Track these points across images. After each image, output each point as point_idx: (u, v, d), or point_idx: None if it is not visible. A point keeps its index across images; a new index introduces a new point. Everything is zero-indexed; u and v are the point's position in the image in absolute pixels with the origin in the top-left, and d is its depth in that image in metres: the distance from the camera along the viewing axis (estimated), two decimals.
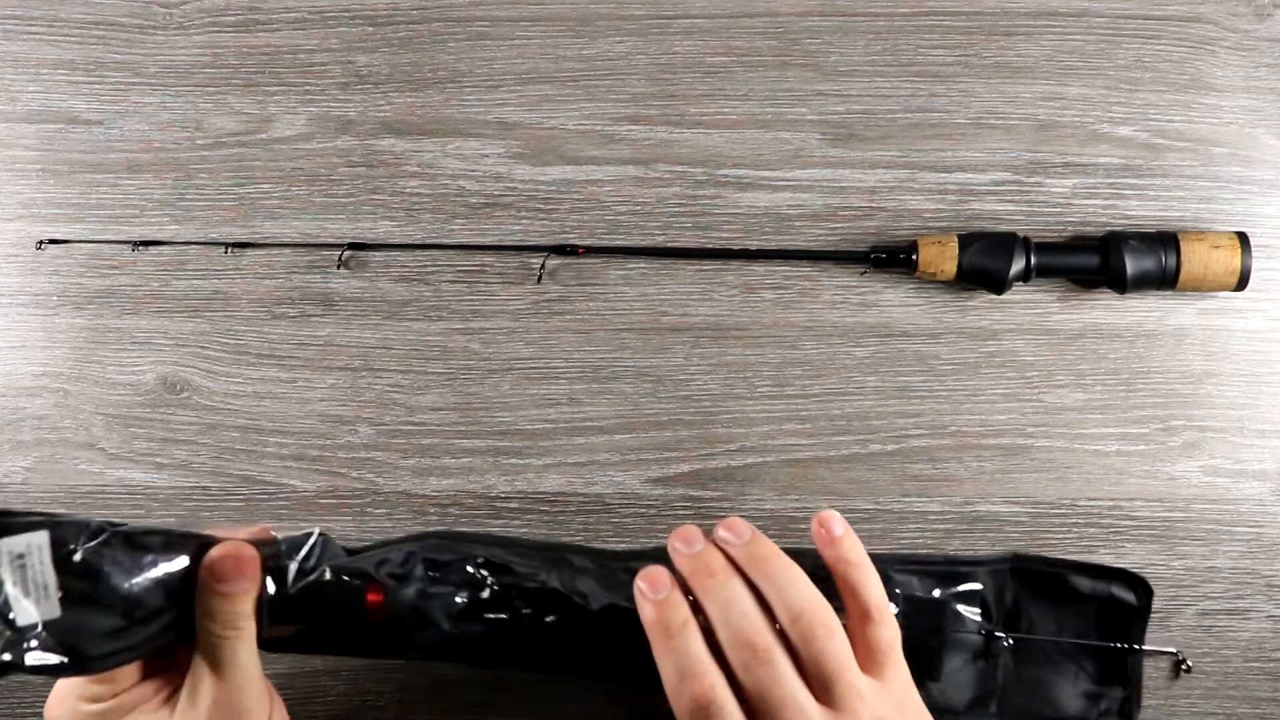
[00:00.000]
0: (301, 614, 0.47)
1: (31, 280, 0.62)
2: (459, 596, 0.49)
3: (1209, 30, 0.60)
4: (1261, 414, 0.59)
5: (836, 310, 0.60)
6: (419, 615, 0.48)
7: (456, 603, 0.49)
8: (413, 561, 0.49)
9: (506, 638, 0.49)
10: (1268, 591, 0.58)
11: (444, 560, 0.50)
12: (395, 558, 0.49)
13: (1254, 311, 0.59)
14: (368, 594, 0.48)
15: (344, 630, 0.48)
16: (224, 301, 0.61)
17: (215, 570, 0.43)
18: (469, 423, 0.60)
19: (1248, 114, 0.59)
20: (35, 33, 0.63)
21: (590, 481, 0.60)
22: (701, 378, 0.60)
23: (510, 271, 0.61)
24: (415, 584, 0.49)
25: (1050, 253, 0.57)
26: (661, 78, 0.61)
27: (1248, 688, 0.58)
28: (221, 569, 0.43)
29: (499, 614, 0.49)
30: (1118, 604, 0.56)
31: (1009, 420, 0.59)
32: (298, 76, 0.62)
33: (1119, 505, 0.59)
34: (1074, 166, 0.59)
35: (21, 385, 0.62)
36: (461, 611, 0.49)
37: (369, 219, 0.61)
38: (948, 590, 0.54)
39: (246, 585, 0.44)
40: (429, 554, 0.50)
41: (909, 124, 0.60)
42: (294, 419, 0.61)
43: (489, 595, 0.49)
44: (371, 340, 0.61)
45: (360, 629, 0.48)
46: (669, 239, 0.60)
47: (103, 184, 0.62)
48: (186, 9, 0.63)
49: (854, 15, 0.61)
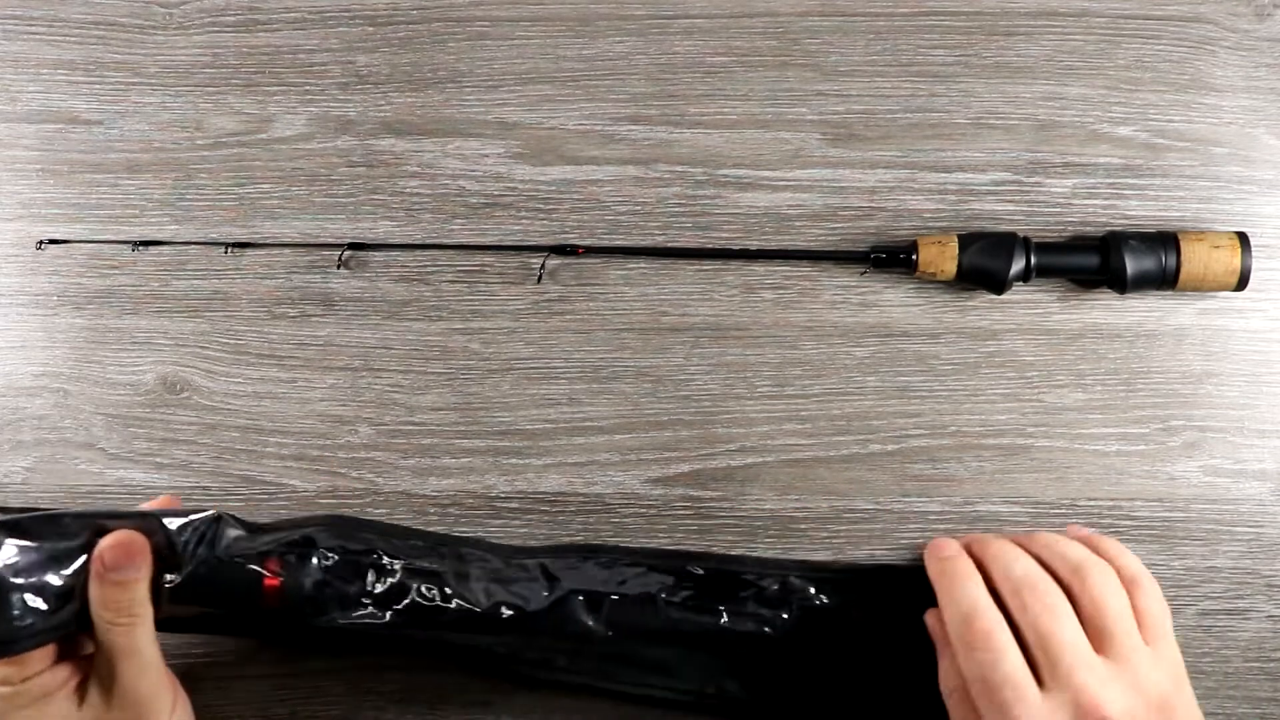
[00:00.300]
0: (198, 597, 0.48)
1: (31, 280, 0.62)
2: (354, 586, 0.50)
3: (1209, 30, 0.60)
4: (1261, 414, 0.59)
5: (836, 310, 0.60)
6: (315, 602, 0.49)
7: (351, 592, 0.50)
8: (312, 547, 0.50)
9: (399, 630, 0.50)
10: (1268, 591, 0.58)
11: (343, 548, 0.50)
12: (295, 541, 0.50)
13: (1254, 311, 0.59)
14: (265, 579, 0.49)
15: (241, 614, 0.49)
16: (224, 301, 0.61)
17: (105, 559, 0.44)
18: (469, 423, 0.60)
19: (1248, 114, 0.59)
20: (35, 33, 0.63)
21: (590, 481, 0.60)
22: (701, 378, 0.60)
23: (510, 271, 0.61)
24: (313, 571, 0.49)
25: (1050, 253, 0.57)
26: (661, 78, 0.61)
27: (1248, 688, 0.58)
28: (112, 558, 0.44)
29: (393, 606, 0.50)
30: None
31: (1009, 420, 0.59)
32: (298, 76, 0.62)
33: (1119, 505, 0.59)
34: (1074, 166, 0.59)
35: (21, 385, 0.62)
36: (357, 601, 0.50)
37: (369, 219, 0.61)
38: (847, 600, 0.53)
39: (136, 573, 0.45)
40: (329, 541, 0.50)
41: (909, 124, 0.60)
42: (294, 419, 0.61)
43: (385, 587, 0.50)
44: (371, 340, 0.61)
45: (257, 613, 0.49)
46: (669, 239, 0.60)
47: (103, 184, 0.62)
48: (186, 9, 0.63)
49: (854, 15, 0.61)
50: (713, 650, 0.53)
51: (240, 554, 0.49)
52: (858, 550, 0.59)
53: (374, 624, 0.50)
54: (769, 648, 0.52)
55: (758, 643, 0.52)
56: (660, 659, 0.53)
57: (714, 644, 0.53)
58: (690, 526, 0.59)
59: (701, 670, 0.54)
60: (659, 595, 0.53)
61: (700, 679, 0.54)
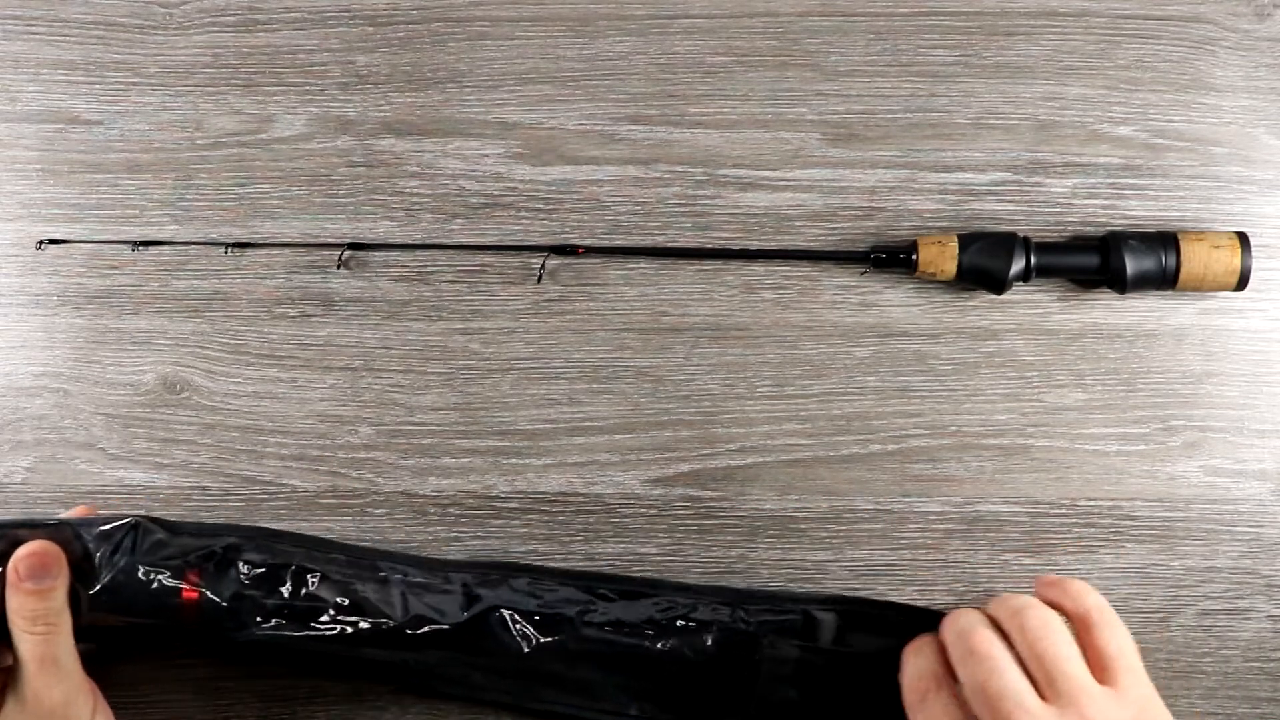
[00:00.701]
0: (116, 606, 0.48)
1: (31, 280, 0.62)
2: (272, 599, 0.50)
3: (1209, 30, 0.60)
4: (1261, 414, 0.59)
5: (836, 310, 0.60)
6: (233, 615, 0.49)
7: (269, 605, 0.50)
8: (232, 559, 0.50)
9: (316, 643, 0.50)
10: (1268, 591, 0.58)
11: (263, 560, 0.51)
12: (215, 553, 0.50)
13: (1254, 311, 0.59)
14: (182, 590, 0.49)
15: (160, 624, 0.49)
16: (224, 301, 0.61)
17: (20, 569, 0.45)
18: (469, 423, 0.60)
19: (1248, 114, 0.59)
20: (35, 33, 0.63)
21: (590, 481, 0.60)
22: (701, 378, 0.60)
23: (510, 271, 0.61)
24: (231, 583, 0.50)
25: (1050, 253, 0.57)
26: (661, 78, 0.61)
27: (1248, 688, 0.58)
28: (26, 567, 0.45)
29: (311, 619, 0.50)
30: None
31: (1009, 420, 0.59)
32: (298, 76, 0.62)
33: (1119, 505, 0.59)
34: (1074, 166, 0.59)
35: (21, 385, 0.62)
36: (275, 613, 0.50)
37: (369, 219, 0.61)
38: (766, 624, 0.53)
39: (51, 582, 0.45)
40: (249, 553, 0.51)
41: (909, 124, 0.60)
42: (294, 419, 0.61)
43: (303, 600, 0.50)
44: (371, 340, 0.61)
45: (176, 624, 0.49)
46: (669, 239, 0.60)
47: (103, 184, 0.62)
48: (186, 9, 0.63)
49: (854, 15, 0.61)
50: (633, 672, 0.53)
51: (159, 564, 0.49)
52: (858, 550, 0.59)
53: (292, 637, 0.50)
54: (690, 671, 0.52)
55: (678, 665, 0.52)
56: (581, 679, 0.53)
57: (634, 665, 0.53)
58: (690, 526, 0.59)
59: (622, 691, 0.53)
60: (577, 616, 0.53)
61: (621, 700, 0.54)
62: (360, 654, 0.52)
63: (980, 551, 0.59)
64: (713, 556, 0.59)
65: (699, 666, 0.53)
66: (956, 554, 0.59)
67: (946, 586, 0.59)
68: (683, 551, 0.59)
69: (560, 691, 0.54)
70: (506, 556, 0.59)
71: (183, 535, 0.51)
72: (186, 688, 0.58)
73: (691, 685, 0.53)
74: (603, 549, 0.59)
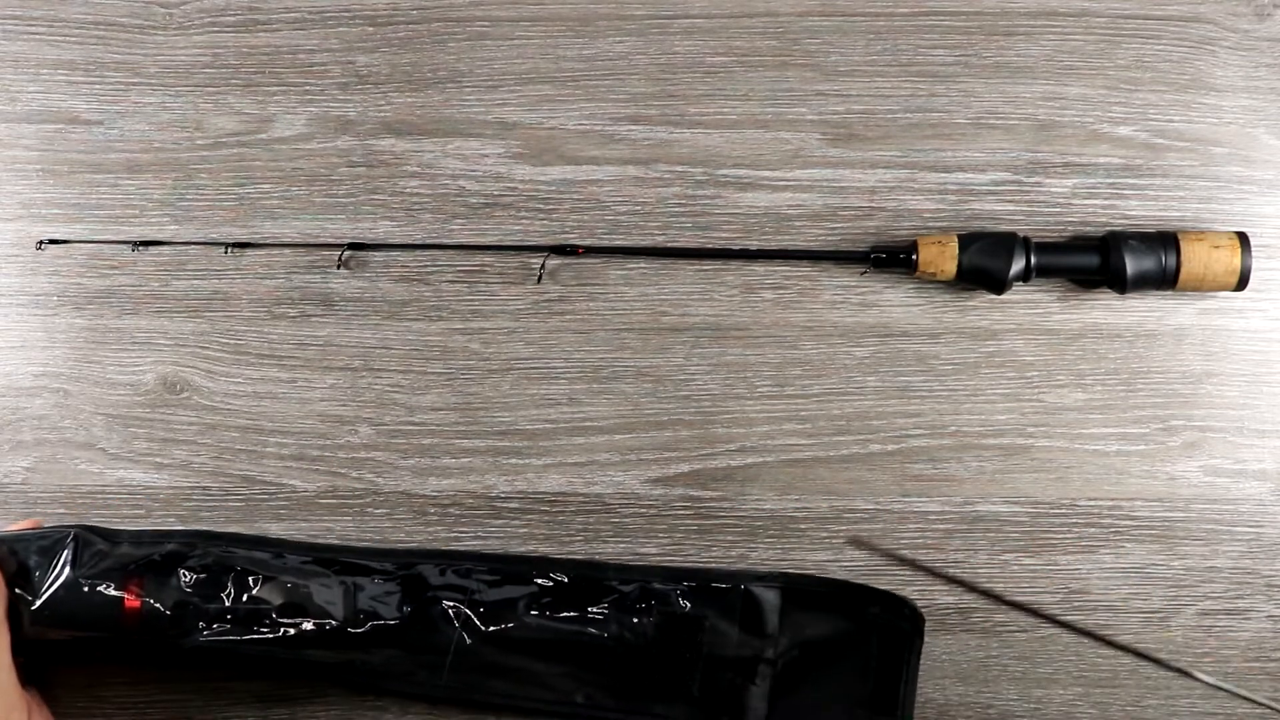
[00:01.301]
0: (59, 620, 0.48)
1: (31, 280, 0.62)
2: (215, 604, 0.50)
3: (1209, 30, 0.60)
4: (1261, 414, 0.59)
5: (836, 310, 0.60)
6: (177, 622, 0.49)
7: (212, 610, 0.50)
8: (173, 567, 0.50)
9: (260, 646, 0.50)
10: (1268, 591, 0.58)
11: (204, 565, 0.50)
12: (156, 561, 0.50)
13: (1254, 311, 0.59)
14: (125, 600, 0.49)
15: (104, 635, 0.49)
16: (224, 301, 0.61)
17: None
18: (469, 423, 0.60)
19: (1248, 114, 0.59)
20: (35, 33, 0.63)
21: (590, 481, 0.60)
22: (701, 378, 0.60)
23: (510, 271, 0.61)
24: (174, 590, 0.50)
25: (1050, 253, 0.57)
26: (661, 78, 0.61)
27: (1248, 688, 0.58)
28: None
29: (255, 622, 0.50)
30: (889, 630, 0.54)
31: (1009, 420, 0.59)
32: (298, 76, 0.62)
33: (1119, 505, 0.59)
34: (1074, 166, 0.59)
35: (21, 385, 0.62)
36: (219, 618, 0.50)
37: (369, 219, 0.61)
38: (707, 605, 0.53)
39: None
40: (190, 559, 0.50)
41: (909, 124, 0.60)
42: (294, 419, 0.61)
43: (246, 603, 0.50)
44: (371, 340, 0.61)
45: (120, 634, 0.49)
46: (669, 239, 0.60)
47: (103, 184, 0.62)
48: (186, 9, 0.63)
49: (854, 15, 0.61)
50: (578, 659, 0.53)
51: (100, 575, 0.49)
52: (858, 550, 0.59)
53: (236, 641, 0.50)
54: (633, 655, 0.52)
55: (621, 651, 0.52)
56: (524, 669, 0.53)
57: (578, 651, 0.53)
58: (690, 526, 0.59)
59: (569, 679, 0.53)
60: (519, 602, 0.53)
61: (568, 687, 0.53)
62: (305, 655, 0.51)
63: (980, 551, 0.59)
64: (713, 556, 0.59)
65: (641, 650, 0.52)
66: (956, 554, 0.59)
67: (946, 586, 0.59)
68: (683, 551, 0.59)
69: (507, 682, 0.53)
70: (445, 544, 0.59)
71: (123, 544, 0.51)
72: (187, 688, 0.58)
73: (635, 669, 0.53)
74: (603, 549, 0.59)
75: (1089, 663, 0.59)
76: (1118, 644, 0.57)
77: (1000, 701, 0.58)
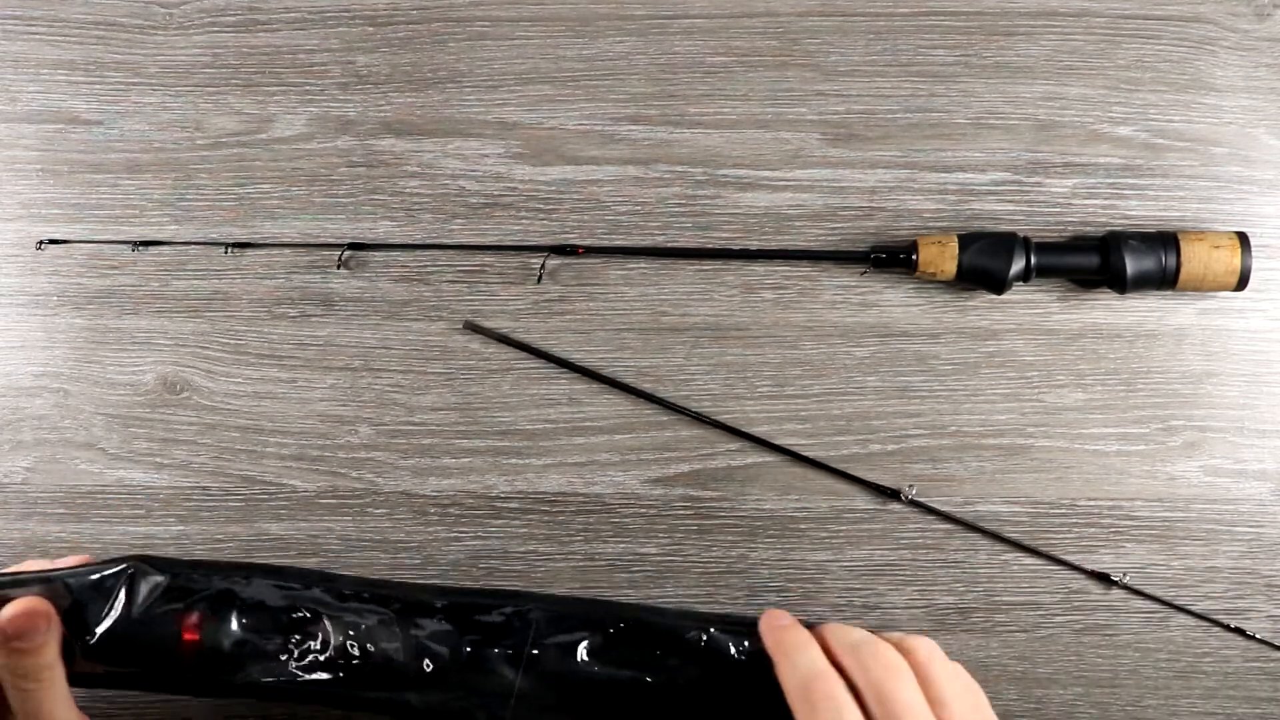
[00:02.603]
0: (113, 656, 0.48)
1: (31, 280, 0.62)
2: (273, 643, 0.49)
3: (1209, 30, 0.60)
4: (1261, 414, 0.59)
5: (836, 310, 0.60)
6: (234, 660, 0.49)
7: (270, 649, 0.49)
8: (232, 602, 0.49)
9: (319, 686, 0.50)
10: (1268, 591, 0.58)
11: (262, 603, 0.50)
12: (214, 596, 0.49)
13: (1254, 311, 0.59)
14: (182, 635, 0.48)
15: (159, 668, 0.49)
16: (224, 301, 0.61)
17: (8, 629, 0.45)
18: (469, 423, 0.60)
19: (1248, 114, 0.59)
20: (35, 33, 0.63)
21: (590, 481, 0.60)
22: (701, 378, 0.60)
23: (510, 271, 0.61)
24: (231, 628, 0.49)
25: (1050, 253, 0.57)
26: (661, 78, 0.61)
27: (1248, 688, 0.58)
28: (14, 627, 0.45)
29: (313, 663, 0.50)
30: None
31: (1009, 420, 0.59)
32: (298, 76, 0.62)
33: (1119, 505, 0.59)
34: (1074, 166, 0.59)
35: (21, 385, 0.62)
36: (275, 658, 0.49)
37: (369, 219, 0.61)
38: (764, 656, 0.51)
39: (40, 639, 0.45)
40: (249, 594, 0.50)
41: (909, 124, 0.60)
42: (294, 419, 0.61)
43: (304, 643, 0.50)
44: (371, 340, 0.61)
45: (175, 669, 0.49)
46: (669, 239, 0.60)
47: (103, 184, 0.62)
48: (186, 9, 0.63)
49: (854, 15, 0.61)
50: (639, 706, 0.52)
51: (157, 610, 0.49)
52: (858, 550, 0.59)
53: (294, 680, 0.50)
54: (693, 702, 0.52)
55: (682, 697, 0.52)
56: (586, 712, 0.52)
57: (639, 699, 0.52)
58: (690, 526, 0.59)
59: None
60: (578, 646, 0.52)
61: None
62: (361, 696, 0.51)
63: (980, 551, 0.59)
64: (713, 556, 0.59)
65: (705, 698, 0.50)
66: (956, 554, 0.59)
67: (946, 586, 0.59)
68: (683, 551, 0.59)
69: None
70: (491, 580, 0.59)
71: (179, 577, 0.50)
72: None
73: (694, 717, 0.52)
74: (603, 549, 0.59)
75: (1089, 663, 0.59)
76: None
77: (1000, 701, 0.58)
